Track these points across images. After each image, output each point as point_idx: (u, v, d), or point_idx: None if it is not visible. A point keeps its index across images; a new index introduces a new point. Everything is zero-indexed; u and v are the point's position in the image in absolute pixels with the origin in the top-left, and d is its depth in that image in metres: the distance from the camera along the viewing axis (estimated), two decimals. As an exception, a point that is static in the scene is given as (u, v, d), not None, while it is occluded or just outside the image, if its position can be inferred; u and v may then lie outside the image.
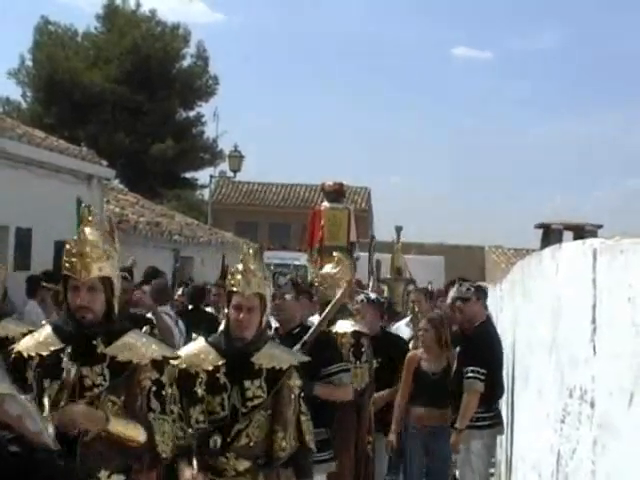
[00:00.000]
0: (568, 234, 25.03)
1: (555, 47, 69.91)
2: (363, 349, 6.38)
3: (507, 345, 7.16)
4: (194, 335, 5.36)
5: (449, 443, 6.94)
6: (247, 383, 4.39)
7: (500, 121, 70.72)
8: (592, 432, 2.87)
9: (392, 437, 7.15)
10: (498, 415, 7.09)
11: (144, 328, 4.61)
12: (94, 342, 3.85)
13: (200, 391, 4.38)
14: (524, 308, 6.03)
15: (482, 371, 6.77)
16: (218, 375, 4.42)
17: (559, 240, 16.29)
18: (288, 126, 70.21)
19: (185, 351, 4.62)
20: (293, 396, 4.43)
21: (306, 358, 4.67)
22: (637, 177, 70.99)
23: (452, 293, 7.98)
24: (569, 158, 71.05)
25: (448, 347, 7.21)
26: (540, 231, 26.99)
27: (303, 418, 4.47)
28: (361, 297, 7.36)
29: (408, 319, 9.49)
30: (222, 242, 23.91)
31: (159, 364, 3.91)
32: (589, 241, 3.18)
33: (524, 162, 69.30)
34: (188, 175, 38.69)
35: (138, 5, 36.99)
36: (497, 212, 68.14)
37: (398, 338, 8.02)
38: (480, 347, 6.90)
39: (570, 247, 3.70)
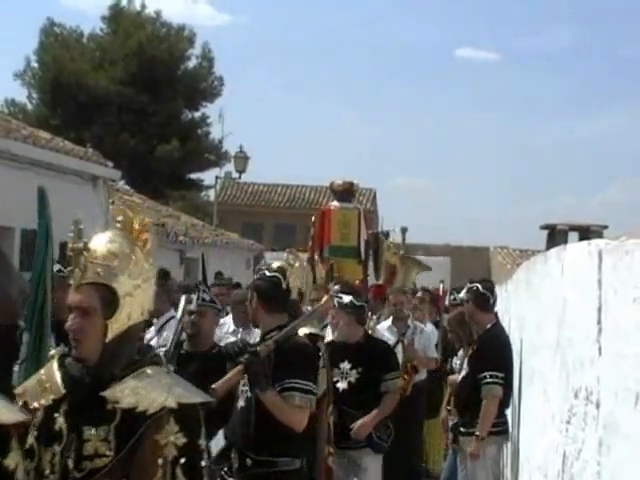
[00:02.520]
0: (573, 235, 25.00)
1: (560, 48, 69.88)
2: (320, 353, 5.52)
3: (512, 346, 7.15)
4: None
5: None
6: (88, 432, 2.72)
7: (505, 122, 70.72)
8: (597, 433, 2.87)
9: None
10: (507, 421, 7.05)
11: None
12: None
13: (31, 439, 2.77)
14: (529, 309, 6.02)
15: (501, 375, 6.66)
16: (56, 415, 2.82)
17: (564, 241, 16.29)
18: (294, 127, 70.29)
19: (30, 380, 3.06)
20: (161, 461, 2.66)
21: (199, 399, 2.82)
22: (643, 178, 70.88)
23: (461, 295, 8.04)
24: (575, 159, 71.03)
25: (473, 341, 7.26)
26: (545, 232, 26.98)
27: None
28: (334, 302, 6.52)
29: (390, 323, 8.94)
30: (227, 243, 23.93)
31: None
32: (594, 242, 3.17)
33: (530, 163, 69.32)
34: (194, 176, 38.78)
35: (143, 7, 37.13)
36: (503, 213, 68.16)
37: (384, 345, 7.11)
38: (493, 351, 6.83)
39: (575, 248, 3.70)
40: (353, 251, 9.87)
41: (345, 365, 6.48)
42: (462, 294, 7.33)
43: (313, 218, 10.62)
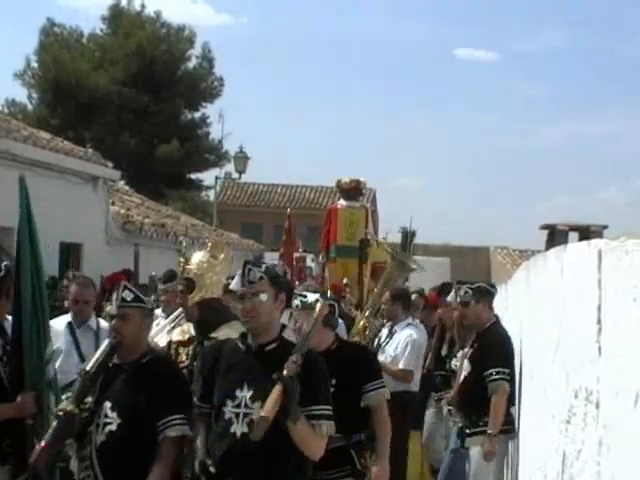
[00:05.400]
0: (573, 235, 24.99)
1: (560, 48, 69.90)
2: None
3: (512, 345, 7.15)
4: None
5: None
6: None
7: (505, 122, 70.74)
8: (597, 433, 2.86)
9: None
10: (513, 419, 7.02)
11: None
12: None
13: None
14: (529, 309, 6.01)
15: (507, 371, 6.65)
16: None
17: (564, 241, 16.26)
18: (294, 127, 70.28)
19: None
20: None
21: None
22: (643, 178, 70.90)
23: (450, 298, 7.96)
24: (575, 158, 71.03)
25: (473, 340, 7.20)
26: (545, 232, 26.96)
27: None
28: (295, 302, 5.25)
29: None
30: (227, 243, 23.89)
31: None
32: (594, 242, 3.17)
33: (529, 163, 69.34)
34: (193, 176, 38.75)
35: (143, 7, 37.12)
36: (502, 213, 68.16)
37: (360, 348, 6.24)
38: (497, 348, 6.80)
39: (575, 248, 3.69)
40: (358, 251, 9.78)
41: None
42: (462, 295, 7.28)
43: (289, 210, 10.47)
